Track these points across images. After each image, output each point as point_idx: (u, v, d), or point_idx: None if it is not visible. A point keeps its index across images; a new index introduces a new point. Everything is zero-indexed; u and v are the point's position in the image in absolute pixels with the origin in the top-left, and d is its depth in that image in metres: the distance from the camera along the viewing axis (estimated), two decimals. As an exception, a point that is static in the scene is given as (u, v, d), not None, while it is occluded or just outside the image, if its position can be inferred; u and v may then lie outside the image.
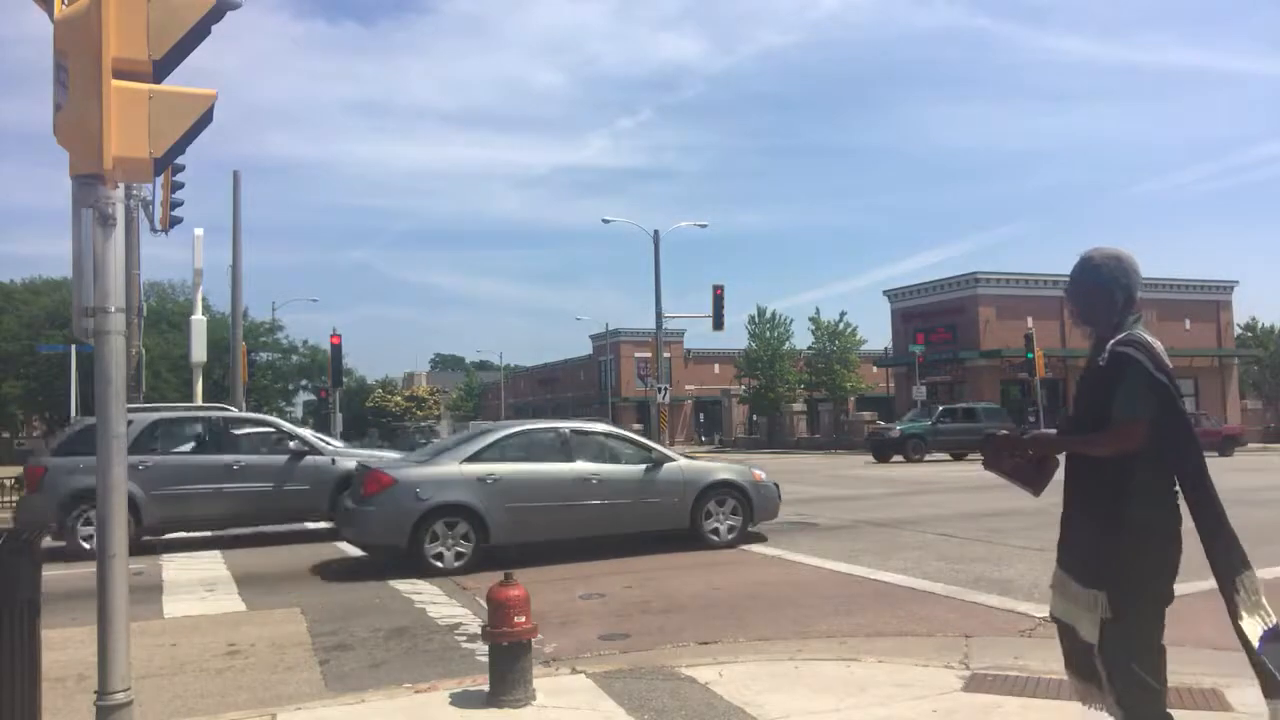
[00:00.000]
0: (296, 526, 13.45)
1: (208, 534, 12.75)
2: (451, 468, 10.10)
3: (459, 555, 9.70)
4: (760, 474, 11.69)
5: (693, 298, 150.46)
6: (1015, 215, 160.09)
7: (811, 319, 54.97)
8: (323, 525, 13.02)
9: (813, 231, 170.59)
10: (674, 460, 11.32)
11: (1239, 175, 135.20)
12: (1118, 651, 3.05)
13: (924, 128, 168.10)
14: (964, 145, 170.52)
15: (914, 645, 6.14)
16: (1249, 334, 70.20)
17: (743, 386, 59.15)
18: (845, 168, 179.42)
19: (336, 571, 10.15)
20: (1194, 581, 7.42)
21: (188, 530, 12.73)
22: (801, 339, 56.21)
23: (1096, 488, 3.13)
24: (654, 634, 6.65)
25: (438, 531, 9.66)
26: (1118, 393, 3.07)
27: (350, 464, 12.08)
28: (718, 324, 35.71)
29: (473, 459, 10.20)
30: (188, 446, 13.05)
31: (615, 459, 10.99)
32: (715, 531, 10.95)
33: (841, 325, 54.17)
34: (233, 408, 18.21)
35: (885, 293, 52.24)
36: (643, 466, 10.85)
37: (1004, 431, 3.54)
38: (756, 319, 56.25)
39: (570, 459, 10.67)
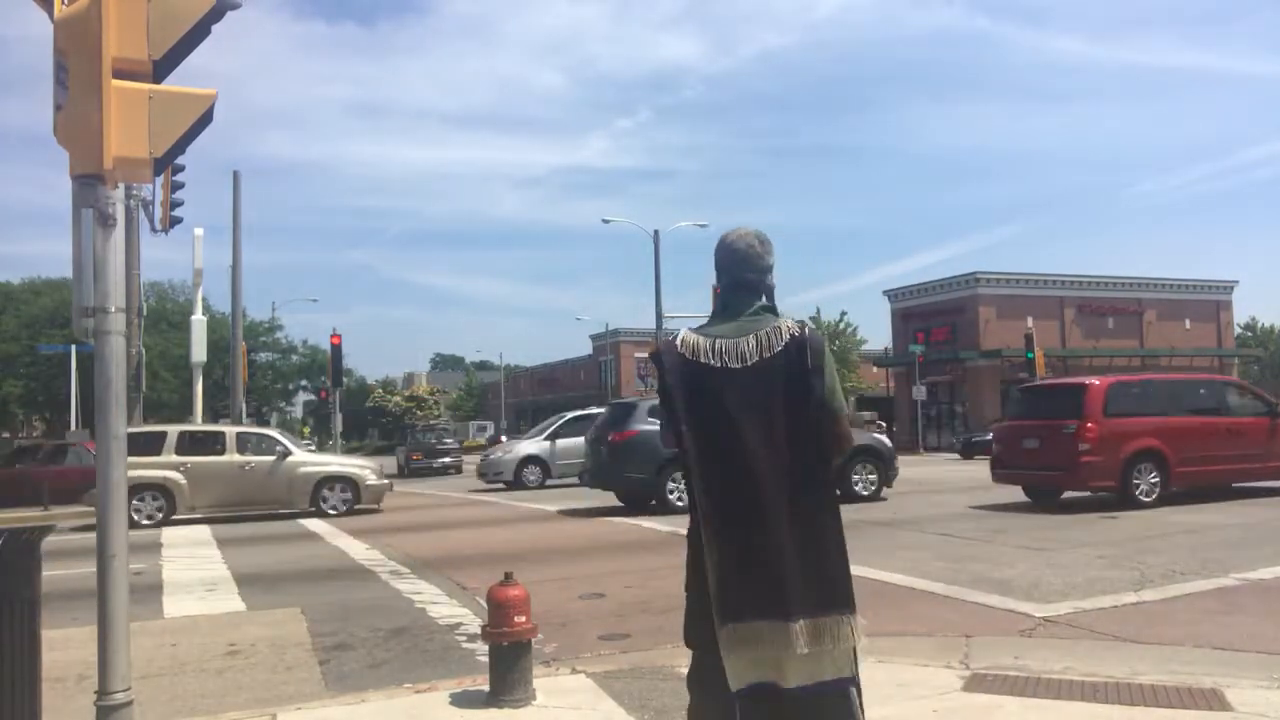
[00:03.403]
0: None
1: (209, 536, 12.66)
2: None
3: None
4: None
5: (693, 298, 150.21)
6: (1015, 215, 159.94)
7: (812, 319, 55.08)
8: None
9: (813, 231, 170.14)
10: None
11: (1239, 175, 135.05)
12: None
13: (924, 128, 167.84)
14: (964, 145, 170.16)
15: (914, 645, 6.12)
16: (1249, 334, 70.35)
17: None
18: (845, 168, 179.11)
19: (336, 571, 10.15)
20: (1195, 580, 7.45)
21: None
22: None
23: None
24: (654, 634, 6.63)
25: None
26: None
27: None
28: (718, 324, 35.69)
29: None
30: None
31: None
32: None
33: (842, 325, 54.28)
34: None
35: (885, 293, 52.28)
36: None
37: None
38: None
39: None
